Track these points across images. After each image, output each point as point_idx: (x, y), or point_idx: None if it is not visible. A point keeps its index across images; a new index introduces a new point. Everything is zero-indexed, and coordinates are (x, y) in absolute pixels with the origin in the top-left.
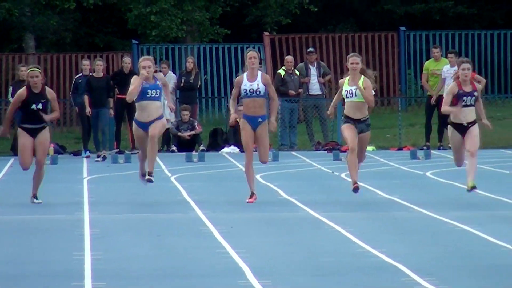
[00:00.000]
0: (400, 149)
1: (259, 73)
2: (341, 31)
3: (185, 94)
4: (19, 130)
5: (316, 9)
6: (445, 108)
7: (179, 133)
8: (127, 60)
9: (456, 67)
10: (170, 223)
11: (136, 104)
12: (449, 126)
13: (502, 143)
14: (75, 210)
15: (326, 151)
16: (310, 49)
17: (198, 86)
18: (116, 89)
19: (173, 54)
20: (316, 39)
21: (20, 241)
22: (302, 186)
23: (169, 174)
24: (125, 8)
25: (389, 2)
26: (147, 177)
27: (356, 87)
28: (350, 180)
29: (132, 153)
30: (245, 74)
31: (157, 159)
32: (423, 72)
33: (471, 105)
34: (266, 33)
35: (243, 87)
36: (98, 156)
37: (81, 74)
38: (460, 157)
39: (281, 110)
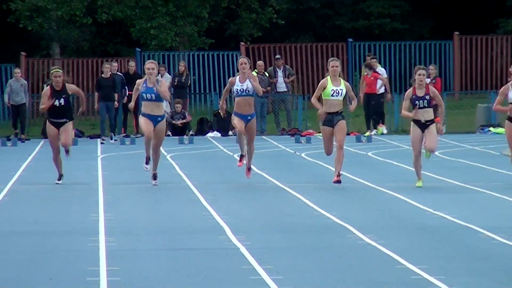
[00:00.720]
0: (348, 134)
1: (248, 76)
2: (301, 41)
3: (178, 91)
4: (47, 122)
5: (283, 22)
6: (403, 113)
7: (173, 121)
8: (132, 64)
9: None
10: (165, 192)
11: (142, 102)
12: (411, 122)
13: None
14: (92, 181)
15: (289, 136)
16: (277, 56)
17: (188, 84)
18: (124, 86)
19: (168, 60)
20: (282, 48)
21: (46, 206)
22: (270, 163)
23: (165, 154)
24: (130, 23)
25: (340, 19)
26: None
27: (341, 88)
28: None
29: (136, 137)
30: (237, 77)
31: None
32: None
33: (424, 107)
34: (242, 43)
35: (235, 87)
36: (104, 139)
37: (109, 75)
38: (417, 150)
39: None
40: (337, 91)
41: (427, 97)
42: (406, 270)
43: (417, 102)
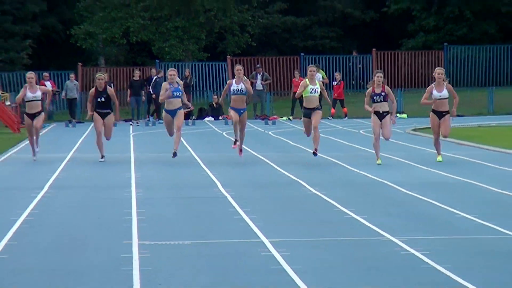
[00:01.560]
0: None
1: (242, 79)
2: (268, 55)
3: (184, 88)
4: (94, 113)
5: (255, 44)
6: (365, 107)
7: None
8: (153, 71)
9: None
10: (176, 158)
11: (166, 103)
12: (372, 114)
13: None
14: (126, 151)
15: (260, 119)
16: (258, 65)
17: (191, 84)
18: (147, 86)
19: (177, 68)
20: (255, 60)
21: (95, 168)
22: (247, 139)
23: None
24: (152, 43)
25: (295, 40)
26: (172, 152)
27: (317, 87)
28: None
29: (157, 121)
30: (234, 80)
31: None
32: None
33: (381, 101)
34: (228, 57)
35: (232, 87)
36: (135, 122)
37: (138, 79)
38: (376, 134)
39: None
40: (314, 90)
41: (383, 93)
42: (341, 212)
43: (375, 97)
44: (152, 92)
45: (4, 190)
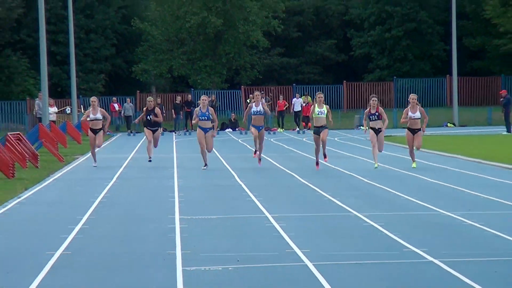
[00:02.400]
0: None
1: (260, 102)
2: (271, 85)
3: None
4: (145, 129)
5: (261, 77)
6: (364, 123)
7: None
8: (189, 96)
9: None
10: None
11: (199, 122)
12: (370, 129)
13: None
14: (170, 153)
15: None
16: (262, 92)
17: (216, 105)
18: (185, 107)
19: (207, 94)
20: (263, 89)
21: (149, 164)
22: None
23: None
24: (188, 76)
25: (288, 75)
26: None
27: (324, 109)
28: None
29: (190, 131)
30: (254, 103)
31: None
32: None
33: (376, 120)
34: (242, 86)
35: (253, 109)
36: (177, 132)
37: (179, 102)
38: (373, 143)
39: (249, 116)
40: (321, 112)
41: (377, 113)
42: (321, 195)
43: (371, 116)
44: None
45: (85, 180)
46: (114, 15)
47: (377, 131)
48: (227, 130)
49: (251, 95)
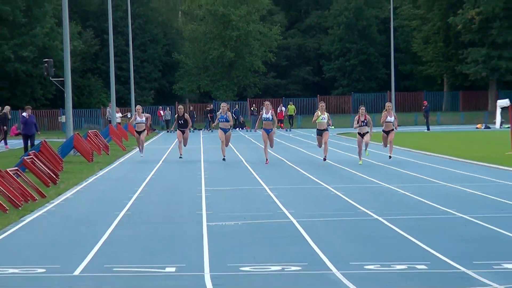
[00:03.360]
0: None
1: (270, 110)
2: (267, 98)
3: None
4: (177, 131)
5: (260, 93)
6: (354, 126)
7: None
8: (210, 105)
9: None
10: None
11: (219, 123)
12: (357, 133)
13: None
14: (198, 146)
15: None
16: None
17: (254, 109)
18: (209, 113)
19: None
20: (261, 101)
21: (184, 154)
22: (257, 140)
23: None
24: (211, 92)
25: (280, 91)
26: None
27: (325, 116)
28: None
29: (213, 130)
30: (264, 110)
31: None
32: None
33: (364, 125)
34: (248, 98)
35: (263, 116)
36: (205, 131)
37: (209, 109)
38: (360, 147)
39: (253, 120)
40: (323, 118)
41: (365, 121)
42: (305, 175)
43: (362, 122)
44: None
45: (140, 163)
46: (160, 50)
47: (362, 135)
48: (237, 129)
49: (253, 105)
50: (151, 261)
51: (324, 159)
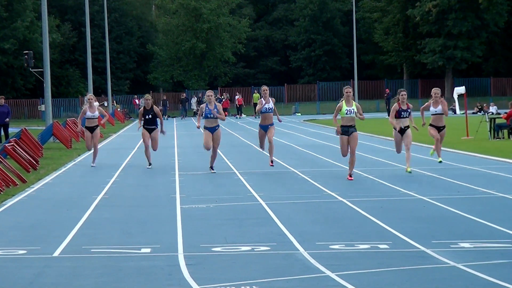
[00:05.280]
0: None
1: (270, 99)
2: (237, 87)
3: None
4: (143, 129)
5: (231, 81)
6: (390, 120)
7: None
8: (184, 95)
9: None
10: (197, 133)
11: (205, 121)
12: (393, 129)
13: None
14: (172, 130)
15: (234, 117)
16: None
17: (203, 101)
18: (182, 102)
19: (195, 93)
20: (232, 90)
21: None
22: (240, 133)
23: None
24: (184, 82)
25: (249, 80)
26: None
27: (353, 108)
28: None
29: (185, 118)
30: (262, 99)
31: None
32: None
33: (406, 117)
34: (219, 87)
35: (265, 106)
36: (180, 118)
37: (183, 97)
38: (399, 148)
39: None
40: (349, 111)
41: (409, 110)
42: (279, 163)
43: (403, 113)
44: (184, 105)
45: (116, 149)
46: (135, 42)
47: (403, 130)
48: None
49: (224, 93)
50: (127, 242)
51: (349, 176)
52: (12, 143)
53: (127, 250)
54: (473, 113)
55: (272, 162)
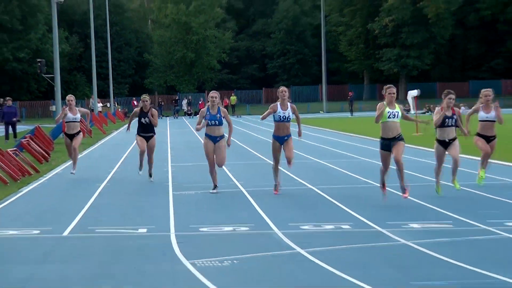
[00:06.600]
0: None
1: (289, 104)
2: (221, 91)
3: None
4: (137, 136)
5: (216, 85)
6: (435, 121)
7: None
8: (175, 97)
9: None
10: (186, 131)
11: (206, 127)
12: (435, 141)
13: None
14: (165, 128)
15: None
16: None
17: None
18: (174, 102)
19: (185, 96)
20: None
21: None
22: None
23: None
24: (176, 86)
25: (232, 85)
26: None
27: (397, 111)
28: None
29: (177, 117)
30: (278, 103)
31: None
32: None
33: (452, 125)
34: (206, 90)
35: (278, 113)
36: (173, 117)
37: (175, 99)
38: (440, 165)
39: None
40: (393, 113)
41: (454, 116)
42: (257, 155)
43: (447, 120)
44: (177, 106)
45: (117, 144)
46: (134, 51)
47: (447, 143)
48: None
49: (214, 94)
50: (126, 223)
51: (406, 194)
52: (27, 139)
53: (126, 230)
54: (423, 113)
55: (276, 187)
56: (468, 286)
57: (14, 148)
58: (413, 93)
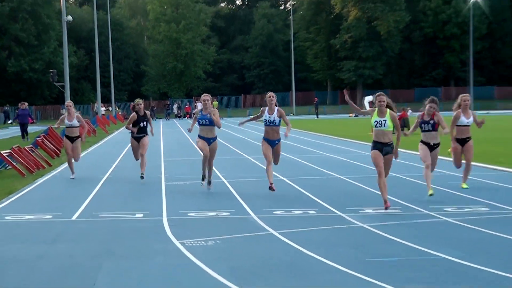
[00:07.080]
0: None
1: (276, 108)
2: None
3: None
4: (131, 139)
5: (202, 92)
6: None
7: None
8: (167, 102)
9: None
10: (177, 130)
11: (199, 128)
12: (420, 143)
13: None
14: (159, 127)
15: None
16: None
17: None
18: (167, 106)
19: (176, 101)
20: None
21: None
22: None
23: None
24: (168, 92)
25: (215, 91)
26: (206, 182)
27: (385, 119)
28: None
29: (169, 119)
30: (266, 108)
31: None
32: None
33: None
34: (194, 96)
35: (264, 117)
36: (166, 119)
37: (167, 104)
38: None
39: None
40: (380, 122)
41: (433, 120)
42: (244, 157)
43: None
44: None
45: (118, 142)
46: (132, 63)
47: (431, 147)
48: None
49: (197, 101)
50: (126, 209)
51: (385, 202)
52: (41, 137)
53: (125, 215)
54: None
55: (271, 184)
56: (414, 262)
57: (30, 146)
58: (368, 98)
